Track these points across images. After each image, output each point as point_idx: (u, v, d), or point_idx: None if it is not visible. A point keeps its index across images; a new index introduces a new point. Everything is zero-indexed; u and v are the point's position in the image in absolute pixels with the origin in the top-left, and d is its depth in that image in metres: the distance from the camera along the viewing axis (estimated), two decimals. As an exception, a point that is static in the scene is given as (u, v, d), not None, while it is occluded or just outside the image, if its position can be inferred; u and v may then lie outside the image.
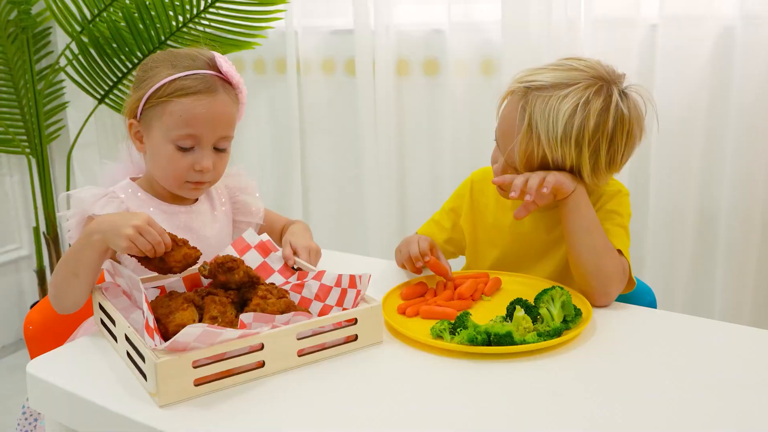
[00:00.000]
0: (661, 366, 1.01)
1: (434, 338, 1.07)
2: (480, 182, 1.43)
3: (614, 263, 1.21)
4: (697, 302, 1.93)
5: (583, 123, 1.19)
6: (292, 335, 1.01)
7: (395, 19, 2.17)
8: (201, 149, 1.22)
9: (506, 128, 1.27)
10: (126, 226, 1.07)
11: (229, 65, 1.25)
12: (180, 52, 1.27)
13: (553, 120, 1.20)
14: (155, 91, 1.21)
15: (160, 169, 1.24)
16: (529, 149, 1.23)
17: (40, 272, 2.60)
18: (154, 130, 1.23)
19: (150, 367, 0.92)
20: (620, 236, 1.26)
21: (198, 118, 1.20)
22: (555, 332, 1.06)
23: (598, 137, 1.21)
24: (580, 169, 1.23)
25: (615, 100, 1.21)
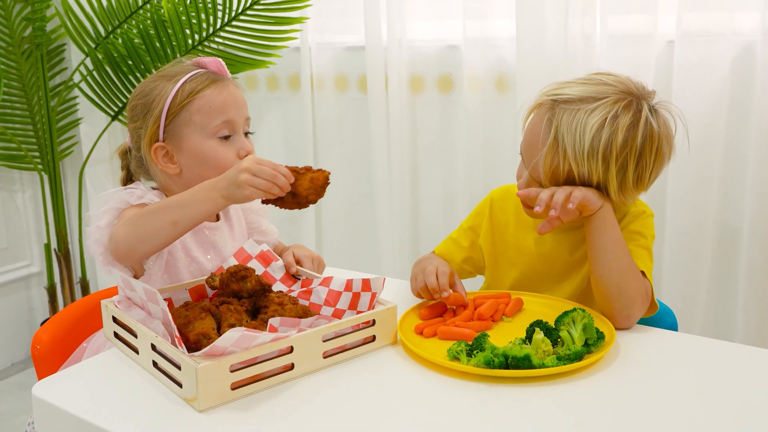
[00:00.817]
0: (687, 392, 0.98)
1: (451, 360, 1.05)
2: (500, 200, 1.40)
3: (638, 285, 1.18)
4: (718, 324, 1.89)
5: (611, 138, 1.16)
6: (318, 337, 1.03)
7: (409, 35, 2.15)
8: (237, 136, 1.27)
9: (531, 141, 1.24)
10: (238, 173, 1.07)
11: (220, 63, 1.29)
12: (163, 69, 1.30)
13: (580, 134, 1.17)
14: (172, 101, 1.23)
15: (207, 167, 1.24)
16: (554, 163, 1.20)
17: (50, 289, 2.58)
18: (187, 137, 1.24)
19: (189, 373, 0.93)
20: (644, 258, 1.23)
21: (226, 104, 1.25)
22: (575, 356, 1.02)
23: (626, 153, 1.18)
24: (607, 185, 1.19)
25: (645, 115, 1.18)
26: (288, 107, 2.44)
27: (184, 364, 0.94)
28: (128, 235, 1.15)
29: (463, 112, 2.11)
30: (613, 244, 1.19)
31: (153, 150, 1.26)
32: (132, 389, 1.01)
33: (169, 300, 1.19)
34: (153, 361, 1.02)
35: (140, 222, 1.14)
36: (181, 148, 1.25)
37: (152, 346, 1.01)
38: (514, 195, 1.39)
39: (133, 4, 2.31)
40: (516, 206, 1.38)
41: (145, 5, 2.30)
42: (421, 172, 2.26)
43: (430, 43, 2.16)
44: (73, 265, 2.64)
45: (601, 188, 1.21)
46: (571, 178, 1.20)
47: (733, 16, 1.73)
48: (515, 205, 1.38)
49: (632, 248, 1.22)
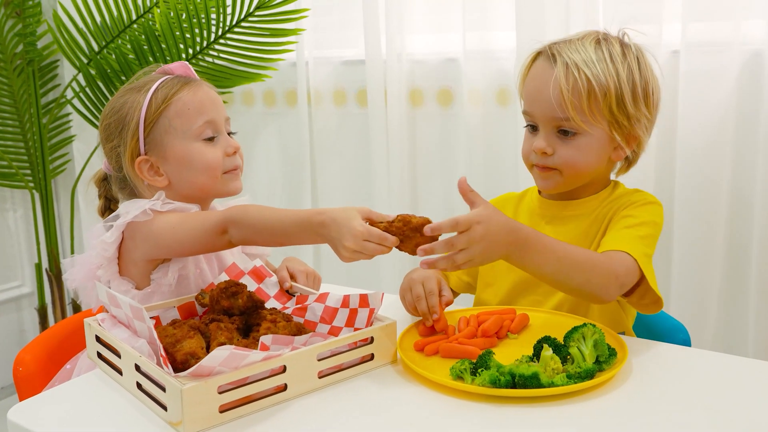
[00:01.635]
0: (704, 412, 0.92)
1: (454, 379, 0.99)
2: (498, 206, 1.35)
3: (602, 277, 1.08)
4: (729, 337, 1.83)
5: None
6: (312, 356, 0.98)
7: (408, 48, 2.12)
8: (221, 135, 1.23)
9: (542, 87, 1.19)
10: (342, 244, 0.98)
11: (187, 66, 1.25)
12: (129, 83, 1.26)
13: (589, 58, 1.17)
14: (147, 111, 1.18)
15: (196, 171, 1.20)
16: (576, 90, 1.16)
17: (41, 310, 2.53)
18: (170, 145, 1.19)
19: (174, 395, 0.87)
20: (634, 244, 1.13)
21: (204, 104, 1.21)
22: (586, 374, 0.97)
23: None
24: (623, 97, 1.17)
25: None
26: (285, 122, 2.40)
27: (169, 385, 0.88)
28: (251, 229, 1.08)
29: (464, 126, 2.06)
30: (549, 272, 1.08)
31: (137, 165, 1.20)
32: (115, 412, 0.95)
33: (156, 318, 1.14)
34: (137, 383, 0.96)
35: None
36: (165, 157, 1.20)
37: (136, 366, 0.95)
38: (511, 202, 1.37)
39: (127, 18, 2.28)
40: (515, 209, 1.35)
41: (138, 20, 2.27)
42: (421, 187, 2.21)
43: (429, 56, 2.12)
44: (65, 285, 2.58)
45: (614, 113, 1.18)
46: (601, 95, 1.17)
47: (739, 24, 1.69)
48: (514, 208, 1.35)
49: (628, 233, 1.15)
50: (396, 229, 1.00)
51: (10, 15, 2.37)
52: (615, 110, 1.18)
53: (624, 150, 1.23)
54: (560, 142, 1.20)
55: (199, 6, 2.14)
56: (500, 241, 1.03)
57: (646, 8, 1.78)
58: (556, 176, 1.22)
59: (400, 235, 1.00)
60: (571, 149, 1.19)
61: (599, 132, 1.19)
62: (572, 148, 1.19)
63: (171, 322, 1.09)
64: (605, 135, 1.20)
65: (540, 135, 1.21)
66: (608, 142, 1.21)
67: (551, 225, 1.29)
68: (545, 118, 1.20)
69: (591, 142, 1.19)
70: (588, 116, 1.17)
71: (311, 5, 2.20)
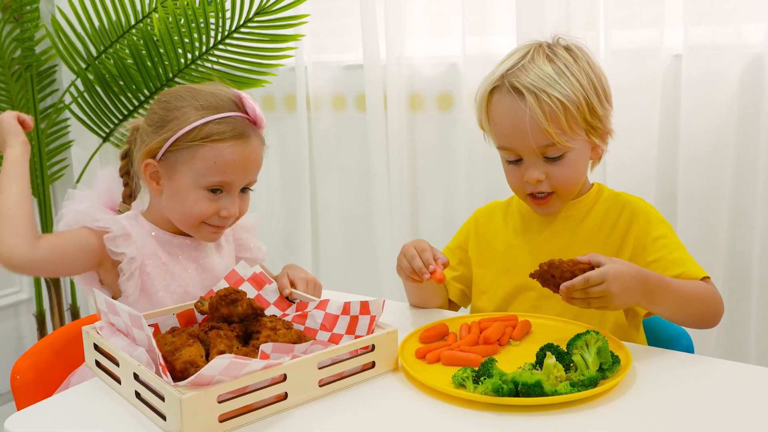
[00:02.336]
0: (710, 420, 0.91)
1: (456, 387, 0.98)
2: (486, 213, 1.38)
3: (710, 305, 1.16)
4: (730, 343, 1.82)
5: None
6: (313, 364, 0.96)
7: (408, 53, 2.11)
8: (229, 195, 1.20)
9: (520, 124, 1.18)
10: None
11: (255, 105, 1.21)
12: (201, 89, 1.22)
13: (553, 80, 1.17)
14: (184, 134, 1.17)
15: (181, 212, 1.20)
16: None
17: (39, 316, 2.51)
18: (180, 174, 1.18)
19: (173, 404, 0.85)
20: (690, 262, 1.19)
21: (232, 166, 1.17)
22: (590, 382, 0.95)
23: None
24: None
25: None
26: (284, 128, 2.38)
27: (168, 395, 0.87)
28: None
29: (464, 131, 2.05)
30: (673, 304, 1.13)
31: (144, 164, 1.21)
32: (113, 422, 0.94)
33: (155, 326, 1.12)
34: (136, 392, 0.95)
35: None
36: (170, 177, 1.20)
37: (135, 375, 0.94)
38: (499, 210, 1.38)
39: (125, 23, 2.27)
40: (504, 215, 1.35)
41: (137, 25, 2.26)
42: (421, 192, 2.20)
43: (429, 61, 2.11)
44: (63, 291, 2.57)
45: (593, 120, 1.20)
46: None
47: (740, 28, 1.68)
48: (503, 215, 1.35)
49: (674, 257, 1.19)
50: (542, 272, 1.09)
51: (8, 20, 2.36)
52: (589, 118, 1.20)
53: (601, 147, 1.26)
54: (550, 165, 1.21)
55: (198, 11, 2.12)
56: (635, 291, 1.08)
57: (648, 12, 1.77)
58: (554, 200, 1.24)
59: (544, 275, 1.09)
60: (563, 169, 1.21)
61: (581, 143, 1.21)
62: (564, 167, 1.21)
63: (170, 329, 1.08)
64: (586, 143, 1.22)
65: (529, 165, 1.21)
66: (589, 148, 1.24)
67: (544, 226, 1.29)
68: (529, 150, 1.20)
69: (577, 155, 1.21)
70: (569, 134, 1.18)
71: (310, 10, 2.19)
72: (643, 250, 1.22)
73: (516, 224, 1.33)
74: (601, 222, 1.26)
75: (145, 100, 2.30)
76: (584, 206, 1.28)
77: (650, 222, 1.24)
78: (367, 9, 2.10)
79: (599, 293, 1.04)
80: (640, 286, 1.08)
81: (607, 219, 1.26)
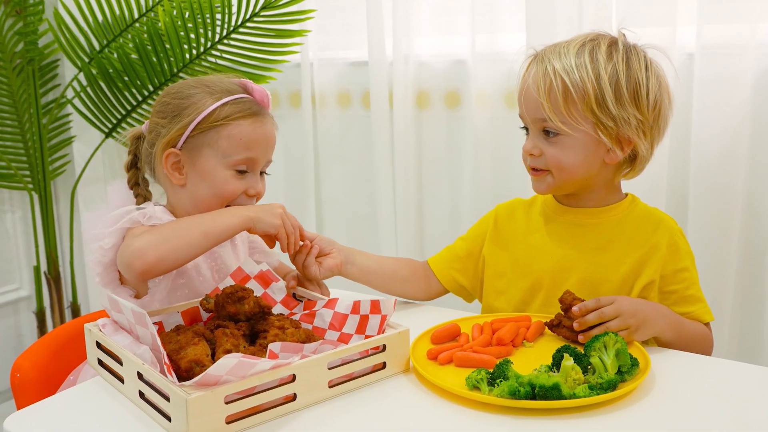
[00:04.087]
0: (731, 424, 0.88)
1: (470, 389, 0.95)
2: (507, 210, 1.36)
3: (707, 345, 1.21)
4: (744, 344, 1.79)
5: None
6: (323, 365, 0.93)
7: (415, 50, 2.08)
8: (254, 174, 1.23)
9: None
10: (273, 207, 1.17)
11: (259, 87, 1.24)
12: (207, 78, 1.25)
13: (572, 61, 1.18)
14: (205, 117, 1.18)
15: (212, 195, 1.20)
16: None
17: (39, 314, 2.48)
18: (205, 158, 1.19)
19: (179, 405, 0.83)
20: (700, 300, 1.23)
21: (258, 141, 1.20)
22: (609, 385, 0.93)
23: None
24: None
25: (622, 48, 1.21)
26: (289, 124, 2.36)
27: (173, 395, 0.84)
28: (159, 244, 1.08)
29: (471, 129, 2.03)
30: (686, 345, 1.16)
31: (165, 154, 1.20)
32: (116, 423, 0.91)
33: (159, 324, 1.10)
34: (139, 392, 0.92)
35: (170, 232, 1.11)
36: (195, 164, 1.20)
37: (138, 374, 0.91)
38: (522, 207, 1.35)
39: (129, 17, 2.24)
40: (526, 214, 1.33)
41: (141, 18, 2.23)
42: (427, 191, 2.17)
43: (437, 58, 2.08)
44: (64, 288, 2.54)
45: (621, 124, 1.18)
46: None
47: (755, 27, 1.65)
48: (525, 213, 1.33)
49: (689, 294, 1.22)
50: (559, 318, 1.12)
51: (9, 13, 2.33)
52: (597, 111, 1.17)
53: (616, 153, 1.21)
54: (546, 143, 1.22)
55: (204, 5, 2.10)
56: (657, 320, 1.12)
57: (660, 10, 1.74)
58: (548, 178, 1.24)
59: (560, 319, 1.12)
60: (555, 149, 1.21)
61: (582, 133, 1.19)
62: (556, 148, 1.21)
63: (175, 328, 1.05)
64: (590, 137, 1.20)
65: (529, 137, 1.25)
66: (596, 144, 1.20)
67: (568, 230, 1.27)
68: (531, 119, 1.23)
69: (575, 142, 1.20)
70: (567, 117, 1.18)
71: (317, 6, 2.17)
72: (663, 277, 1.22)
73: (539, 224, 1.30)
74: (632, 235, 1.24)
75: (149, 96, 2.27)
76: (614, 215, 1.25)
77: (679, 250, 1.23)
78: (373, 6, 2.08)
79: (613, 313, 1.08)
80: (660, 316, 1.13)
81: (638, 234, 1.23)
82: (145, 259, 1.07)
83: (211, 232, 1.11)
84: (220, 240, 1.13)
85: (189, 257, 1.11)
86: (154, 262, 1.08)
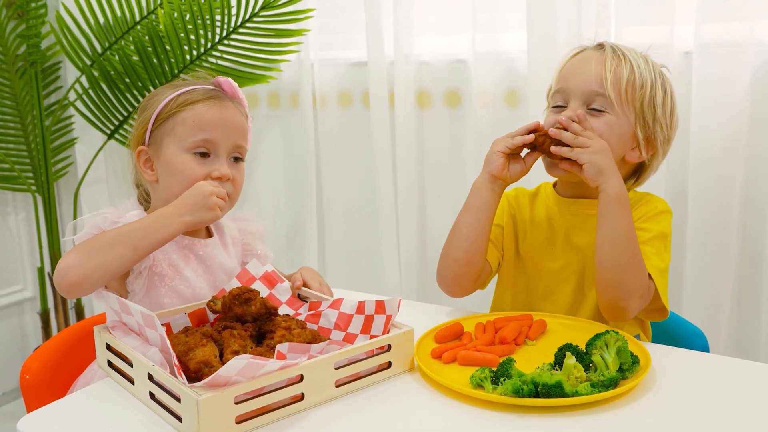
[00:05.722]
0: (731, 421, 0.89)
1: (474, 388, 0.96)
2: (514, 195, 1.37)
3: (638, 282, 1.14)
4: (741, 341, 1.80)
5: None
6: (330, 365, 0.95)
7: (416, 50, 2.09)
8: (218, 158, 1.20)
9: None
10: (206, 198, 1.13)
11: (233, 83, 1.25)
12: (185, 80, 1.27)
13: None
14: (162, 108, 1.20)
15: (177, 183, 1.18)
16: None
17: (44, 314, 2.49)
18: (166, 147, 1.20)
19: (190, 406, 0.84)
20: (653, 260, 1.18)
21: (211, 122, 1.19)
22: (611, 382, 0.94)
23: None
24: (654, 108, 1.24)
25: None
26: (290, 125, 2.37)
27: (184, 396, 0.85)
28: (84, 262, 1.06)
29: (472, 128, 2.04)
30: (614, 234, 1.14)
31: (137, 153, 1.23)
32: (127, 423, 0.93)
33: (167, 325, 1.11)
34: (150, 393, 0.93)
35: (98, 247, 1.07)
36: (159, 156, 1.21)
37: (149, 376, 0.93)
38: (526, 197, 1.37)
39: (130, 19, 2.25)
40: (530, 206, 1.34)
41: (142, 21, 2.24)
42: (429, 191, 2.18)
43: (437, 58, 2.09)
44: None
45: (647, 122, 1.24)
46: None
47: (753, 26, 1.67)
48: (528, 205, 1.35)
49: (643, 249, 1.18)
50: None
51: (12, 16, 2.34)
52: (645, 106, 1.23)
53: (640, 152, 1.25)
54: (589, 117, 1.23)
55: (204, 6, 2.11)
56: (612, 167, 1.17)
57: (658, 8, 1.75)
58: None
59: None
60: (600, 123, 1.22)
61: (625, 120, 1.23)
62: (601, 122, 1.22)
63: (183, 329, 1.06)
64: (630, 126, 1.24)
65: (569, 108, 1.24)
66: (630, 136, 1.24)
67: (570, 222, 1.29)
68: (580, 92, 1.24)
69: (617, 124, 1.23)
70: (621, 99, 1.22)
71: (316, 5, 2.18)
72: None
73: (542, 215, 1.32)
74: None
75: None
76: None
77: (646, 214, 1.24)
78: (373, 5, 2.08)
79: (589, 137, 1.17)
80: (618, 180, 1.16)
81: (636, 216, 1.25)
82: (69, 279, 1.06)
83: (141, 246, 1.09)
84: (152, 251, 1.11)
85: (119, 272, 1.09)
86: (78, 282, 1.06)
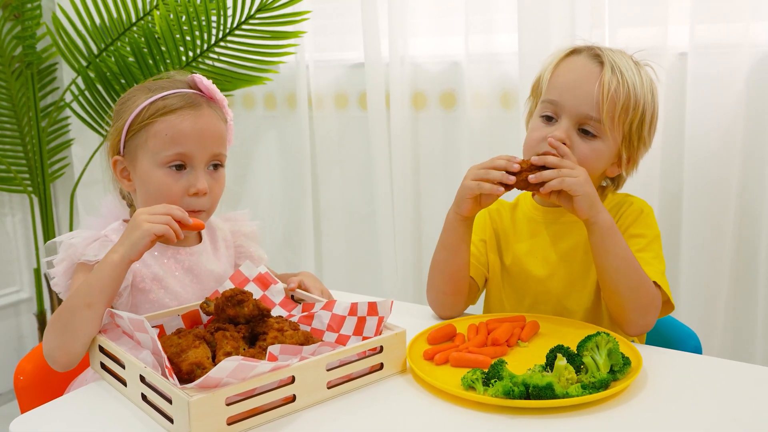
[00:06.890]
0: (722, 422, 0.90)
1: (466, 389, 0.97)
2: (498, 209, 1.34)
3: (649, 296, 1.14)
4: (736, 343, 1.81)
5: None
6: (321, 366, 0.95)
7: (411, 52, 2.09)
8: (194, 170, 1.15)
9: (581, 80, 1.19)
10: (135, 218, 1.04)
11: (209, 84, 1.18)
12: (160, 78, 1.21)
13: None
14: (135, 117, 1.14)
15: (153, 199, 1.14)
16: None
17: (40, 315, 2.50)
18: (140, 160, 1.15)
19: (181, 407, 0.84)
20: (652, 264, 1.18)
21: (185, 134, 1.13)
22: (602, 384, 0.95)
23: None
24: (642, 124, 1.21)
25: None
26: (286, 126, 2.37)
27: (176, 397, 0.86)
28: (61, 342, 1.04)
29: (467, 129, 2.04)
30: (619, 262, 1.13)
31: (112, 162, 1.20)
32: (119, 425, 0.93)
33: (160, 327, 1.11)
34: (142, 394, 0.94)
35: (63, 321, 1.04)
36: (135, 168, 1.18)
37: (141, 377, 0.93)
38: (506, 210, 1.34)
39: (126, 21, 2.25)
40: (511, 217, 1.32)
41: (138, 22, 2.24)
42: (424, 191, 2.19)
43: (432, 60, 2.10)
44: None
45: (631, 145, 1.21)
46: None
47: (748, 26, 1.67)
48: (509, 218, 1.32)
49: (638, 256, 1.17)
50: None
51: (8, 17, 2.35)
52: (634, 128, 1.20)
53: (619, 168, 1.25)
54: (578, 139, 1.19)
55: (199, 8, 2.11)
56: (596, 195, 1.13)
57: (652, 10, 1.76)
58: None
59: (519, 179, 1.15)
60: (588, 149, 1.19)
61: (612, 143, 1.21)
62: (589, 148, 1.19)
63: (175, 331, 1.07)
64: (615, 147, 1.22)
65: (560, 126, 1.19)
66: (613, 155, 1.23)
67: (551, 231, 1.28)
68: (574, 112, 1.19)
69: (605, 149, 1.20)
70: (614, 124, 1.18)
71: (312, 8, 2.18)
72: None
73: (524, 226, 1.31)
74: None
75: (146, 99, 2.28)
76: None
77: (636, 220, 1.24)
78: (368, 7, 2.09)
79: (570, 168, 1.12)
80: (597, 196, 1.13)
81: (616, 220, 1.24)
82: (59, 362, 1.05)
83: (94, 300, 1.03)
84: (109, 301, 1.04)
85: (94, 331, 1.04)
86: (67, 361, 1.05)
